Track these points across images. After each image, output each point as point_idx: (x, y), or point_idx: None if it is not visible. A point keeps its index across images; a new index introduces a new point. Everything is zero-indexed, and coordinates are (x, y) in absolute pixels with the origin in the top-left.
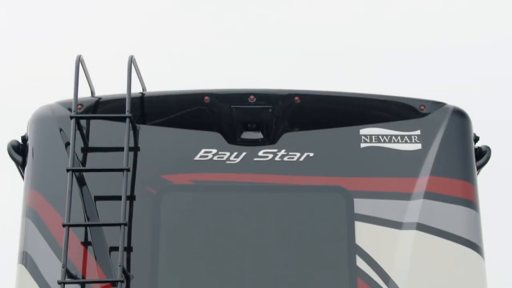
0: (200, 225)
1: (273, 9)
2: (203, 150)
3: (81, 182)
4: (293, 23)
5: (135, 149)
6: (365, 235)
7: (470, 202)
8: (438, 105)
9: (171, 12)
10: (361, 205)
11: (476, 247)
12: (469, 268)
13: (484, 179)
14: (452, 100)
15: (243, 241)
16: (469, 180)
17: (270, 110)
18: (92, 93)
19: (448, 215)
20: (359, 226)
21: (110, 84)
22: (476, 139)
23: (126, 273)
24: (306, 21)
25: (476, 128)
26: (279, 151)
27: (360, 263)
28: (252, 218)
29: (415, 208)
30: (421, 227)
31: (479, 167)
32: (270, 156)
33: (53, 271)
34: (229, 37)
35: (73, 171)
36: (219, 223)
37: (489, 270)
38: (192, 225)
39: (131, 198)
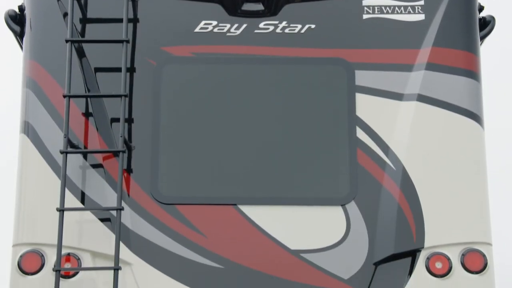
0: (200, 97)
1: None
2: (203, 22)
3: (81, 54)
4: None
5: (134, 20)
6: (366, 107)
7: (472, 72)
8: None
9: None
10: (362, 77)
11: (476, 117)
12: (468, 138)
13: (487, 49)
14: None
15: (244, 113)
16: (472, 50)
17: None
18: None
19: (450, 85)
20: (360, 97)
21: None
22: (481, 8)
23: (127, 143)
24: None
25: None
26: (280, 23)
27: (360, 134)
28: (253, 90)
29: (416, 79)
30: (422, 98)
31: (482, 38)
32: (271, 28)
33: (55, 141)
34: None
35: (72, 42)
36: (219, 95)
37: (488, 140)
38: (192, 97)
39: (131, 70)
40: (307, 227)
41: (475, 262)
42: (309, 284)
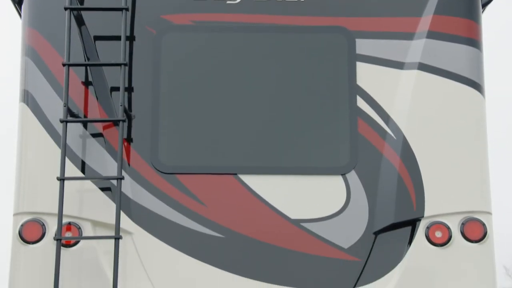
0: (200, 65)
1: None
2: None
3: (80, 22)
4: None
5: None
6: (367, 76)
7: (473, 40)
8: None
9: None
10: (363, 45)
11: (477, 85)
12: (469, 107)
13: (488, 17)
14: None
15: (244, 81)
16: (473, 18)
17: None
18: None
19: (451, 54)
20: (361, 66)
21: None
22: None
23: (127, 112)
24: None
25: None
26: None
27: (361, 103)
28: (252, 59)
29: (417, 48)
30: (423, 67)
31: (484, 5)
32: None
33: (55, 110)
34: None
35: (71, 9)
36: (219, 63)
37: (488, 108)
38: (193, 65)
39: (131, 38)
40: (307, 197)
41: (475, 231)
42: (309, 253)
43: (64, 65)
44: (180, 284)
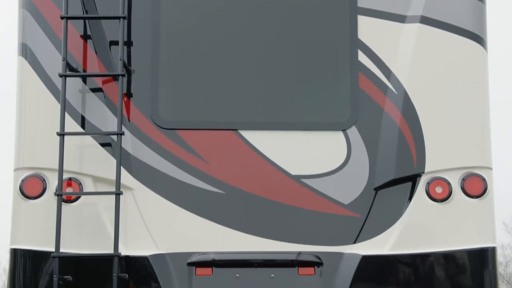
0: (201, 19)
1: None
2: None
3: None
4: None
5: None
6: (368, 30)
7: None
8: None
9: None
10: None
11: (479, 39)
12: (471, 61)
13: None
14: None
15: (244, 36)
16: None
17: None
18: None
19: (453, 7)
20: (362, 20)
21: None
22: None
23: (127, 67)
24: None
25: None
26: None
27: (362, 57)
28: (253, 13)
29: (419, 1)
30: (425, 20)
31: None
32: None
33: (54, 64)
34: None
35: None
36: (219, 17)
37: (490, 62)
38: (193, 19)
39: None
40: (307, 153)
41: (475, 186)
42: (310, 209)
43: (62, 18)
44: (180, 239)
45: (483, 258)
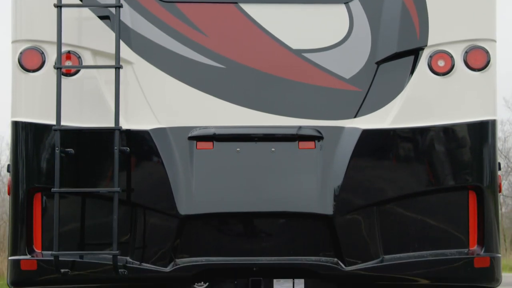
0: None
1: None
2: None
3: None
4: None
5: None
6: None
7: None
8: None
9: None
10: None
11: None
12: None
13: None
14: None
15: None
16: None
17: None
18: None
19: None
20: None
21: None
22: None
23: None
24: None
25: None
26: None
27: None
28: None
29: None
30: None
31: None
32: None
33: None
34: None
35: None
36: None
37: None
38: None
39: None
40: (309, 26)
41: (478, 59)
42: (311, 84)
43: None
44: (180, 112)
45: (483, 131)
